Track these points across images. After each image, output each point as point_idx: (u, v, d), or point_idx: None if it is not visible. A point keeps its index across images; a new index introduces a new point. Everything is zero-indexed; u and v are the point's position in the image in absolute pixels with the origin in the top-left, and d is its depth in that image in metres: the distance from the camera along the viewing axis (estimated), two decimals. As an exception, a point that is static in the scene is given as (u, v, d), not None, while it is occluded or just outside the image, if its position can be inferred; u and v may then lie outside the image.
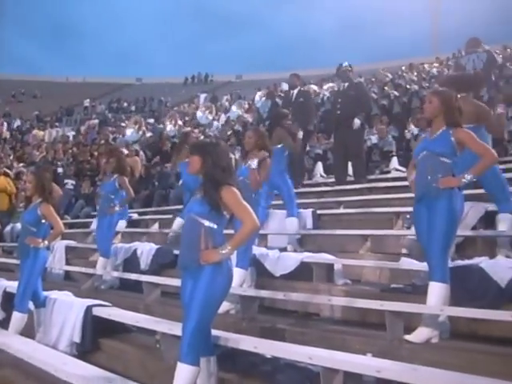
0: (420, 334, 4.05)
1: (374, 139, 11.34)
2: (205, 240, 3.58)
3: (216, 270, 3.56)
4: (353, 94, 8.95)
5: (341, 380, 3.56)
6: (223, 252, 3.55)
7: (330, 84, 17.54)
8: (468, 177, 4.14)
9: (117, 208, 7.52)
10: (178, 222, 8.25)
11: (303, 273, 5.84)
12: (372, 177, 9.67)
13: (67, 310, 5.65)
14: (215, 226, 3.61)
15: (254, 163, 5.50)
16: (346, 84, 9.14)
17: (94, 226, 9.96)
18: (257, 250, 6.05)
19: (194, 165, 3.72)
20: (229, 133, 14.51)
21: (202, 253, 3.56)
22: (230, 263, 3.70)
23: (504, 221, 5.38)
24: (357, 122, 8.76)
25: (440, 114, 4.28)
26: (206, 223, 3.60)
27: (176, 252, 7.23)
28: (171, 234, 8.34)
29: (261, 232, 6.24)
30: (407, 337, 4.06)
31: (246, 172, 5.51)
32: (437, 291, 4.07)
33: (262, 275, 5.92)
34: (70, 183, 12.82)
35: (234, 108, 16.83)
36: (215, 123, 16.38)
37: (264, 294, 5.22)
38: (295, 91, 9.81)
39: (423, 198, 4.25)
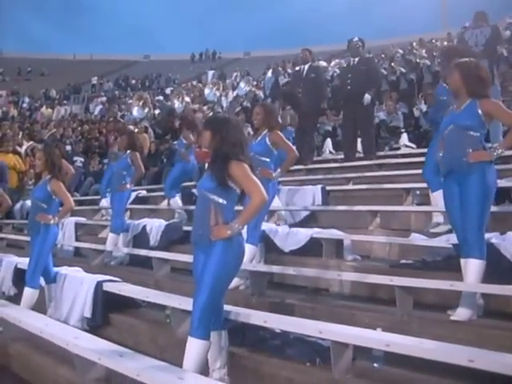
0: (462, 313, 3.98)
1: (383, 115, 11.26)
2: (215, 215, 3.58)
3: (227, 246, 3.57)
4: (363, 69, 8.85)
5: (350, 354, 3.60)
6: (233, 227, 3.55)
7: (337, 60, 17.40)
8: (499, 150, 4.04)
9: (128, 185, 7.57)
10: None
11: (312, 249, 5.85)
12: (381, 153, 9.62)
13: (78, 286, 5.69)
14: (225, 202, 3.61)
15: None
16: (357, 59, 9.04)
17: (103, 203, 10.01)
18: (266, 226, 6.06)
19: (204, 140, 3.71)
20: (237, 109, 14.45)
21: (212, 228, 3.57)
22: (241, 239, 3.70)
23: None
24: (367, 97, 8.67)
25: (462, 86, 4.17)
26: (216, 199, 3.60)
27: (185, 228, 7.27)
28: (178, 211, 8.37)
29: (270, 208, 6.24)
30: (452, 317, 4.00)
31: (257, 148, 5.48)
32: (475, 268, 3.98)
33: (271, 251, 5.94)
34: (78, 160, 12.84)
35: (242, 84, 16.68)
36: (223, 100, 16.29)
37: (274, 269, 5.24)
38: (306, 66, 9.70)
39: (453, 174, 4.15)
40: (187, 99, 14.89)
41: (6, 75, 41.76)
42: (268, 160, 5.52)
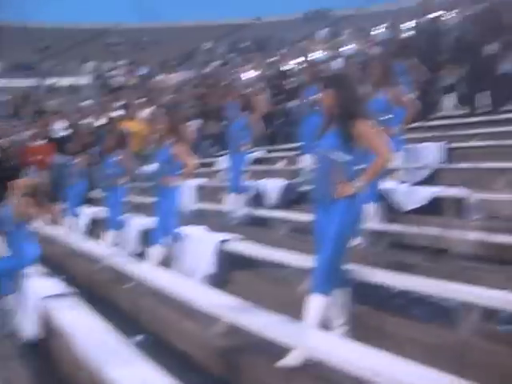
0: None
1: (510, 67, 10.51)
2: (338, 173, 3.56)
3: (350, 204, 3.55)
4: (488, 17, 8.31)
5: (477, 316, 3.48)
6: (357, 185, 3.52)
7: (458, 9, 16.40)
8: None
9: (246, 146, 7.69)
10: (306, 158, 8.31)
11: (433, 208, 5.68)
12: (507, 108, 9.05)
13: (201, 245, 5.91)
14: (348, 160, 3.58)
15: None
16: (480, 7, 8.49)
17: (222, 164, 10.26)
18: (385, 184, 5.94)
19: (327, 99, 3.66)
20: (350, 68, 14.11)
21: (335, 186, 3.55)
22: (362, 197, 3.66)
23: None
24: (490, 48, 8.16)
25: None
26: (340, 156, 3.57)
27: (304, 188, 7.30)
28: (302, 170, 8.39)
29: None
30: None
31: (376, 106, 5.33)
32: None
33: (390, 210, 5.83)
34: (196, 124, 13.15)
35: (353, 43, 16.24)
36: (335, 58, 15.96)
37: (394, 228, 5.15)
38: (425, 18, 9.25)
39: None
40: (298, 60, 14.75)
41: (124, 46, 43.41)
42: (391, 116, 5.38)
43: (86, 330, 4.21)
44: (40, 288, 5.45)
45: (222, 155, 11.12)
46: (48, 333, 5.10)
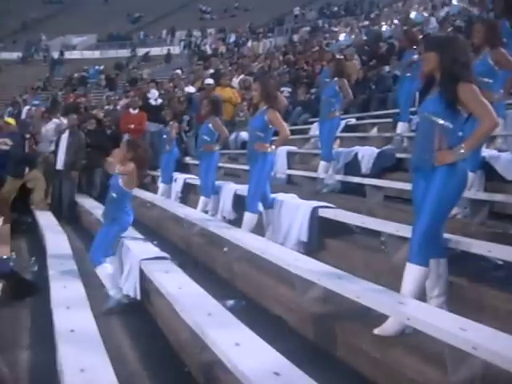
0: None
1: None
2: (439, 140, 3.45)
3: (450, 172, 3.43)
4: None
5: None
6: (458, 152, 3.39)
7: None
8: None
9: (337, 113, 7.59)
10: (401, 125, 8.13)
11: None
12: None
13: (294, 211, 5.91)
14: (451, 125, 3.45)
15: None
16: None
17: (313, 131, 10.21)
18: (487, 152, 5.69)
19: (429, 62, 3.54)
20: (449, 30, 13.52)
21: (436, 153, 3.44)
22: (464, 165, 3.53)
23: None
24: None
25: None
26: (441, 122, 3.44)
27: (398, 155, 7.14)
28: (396, 138, 8.21)
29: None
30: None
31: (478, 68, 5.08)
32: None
33: (491, 179, 5.59)
34: (286, 91, 13.08)
35: (454, 1, 15.53)
36: (432, 20, 15.35)
37: (496, 197, 4.94)
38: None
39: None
40: (396, 21, 14.32)
41: (213, 14, 43.67)
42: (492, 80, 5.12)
43: (182, 292, 4.37)
44: (138, 251, 5.69)
45: (312, 122, 11.04)
46: (146, 293, 5.33)
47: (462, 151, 3.40)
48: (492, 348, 2.62)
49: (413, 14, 15.94)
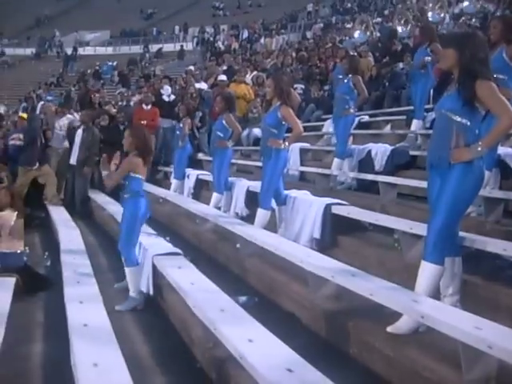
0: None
1: None
2: (456, 137, 3.41)
3: (466, 170, 3.40)
4: None
5: None
6: (476, 150, 3.36)
7: None
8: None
9: (352, 110, 7.57)
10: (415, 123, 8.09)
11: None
12: None
13: (307, 208, 5.89)
14: (468, 123, 3.41)
15: None
16: None
17: (326, 128, 10.17)
18: (502, 150, 5.63)
19: (447, 59, 3.50)
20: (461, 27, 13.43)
21: (452, 151, 3.41)
22: (481, 163, 3.50)
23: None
24: None
25: None
26: (459, 119, 3.41)
27: (412, 153, 7.10)
28: (410, 135, 8.17)
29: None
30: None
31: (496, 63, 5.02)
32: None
33: (507, 177, 5.53)
34: (299, 87, 13.03)
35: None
36: (447, 18, 15.23)
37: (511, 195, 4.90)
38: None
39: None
40: (410, 19, 14.22)
41: (226, 10, 43.65)
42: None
43: (195, 288, 4.37)
44: (151, 247, 5.70)
45: (325, 119, 11.00)
46: (159, 289, 5.34)
47: (479, 149, 3.36)
48: (507, 347, 2.60)
49: (430, 14, 15.76)
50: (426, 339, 3.38)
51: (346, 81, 7.70)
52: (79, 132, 10.56)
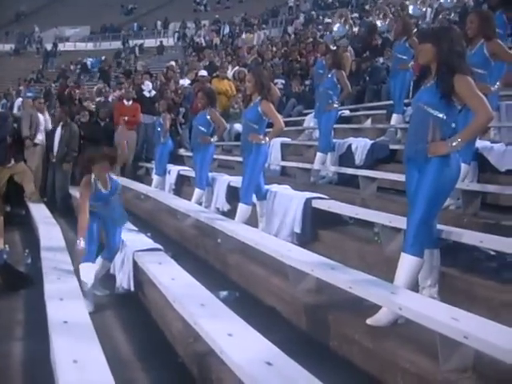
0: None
1: None
2: (433, 131, 3.44)
3: (443, 163, 3.44)
4: None
5: None
6: (452, 144, 3.39)
7: None
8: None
9: (335, 105, 7.60)
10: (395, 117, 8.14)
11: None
12: None
13: (288, 202, 5.91)
14: (445, 117, 3.44)
15: None
16: None
17: (307, 123, 10.19)
18: (480, 143, 5.70)
19: (425, 54, 3.53)
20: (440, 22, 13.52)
21: (429, 144, 3.45)
22: (458, 156, 3.54)
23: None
24: None
25: None
26: (436, 113, 3.44)
27: (392, 147, 7.15)
28: (390, 129, 8.22)
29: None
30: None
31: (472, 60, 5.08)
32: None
33: (484, 170, 5.60)
34: (279, 82, 13.03)
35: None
36: (428, 13, 15.34)
37: (489, 189, 4.96)
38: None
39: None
40: (390, 15, 14.29)
41: (207, 5, 43.44)
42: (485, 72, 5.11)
43: (176, 283, 4.37)
44: (132, 243, 5.68)
45: (306, 114, 11.02)
46: (140, 285, 5.33)
47: (456, 143, 3.40)
48: (483, 337, 2.63)
49: (411, 8, 15.85)
50: (405, 331, 3.41)
51: (329, 76, 7.73)
52: (58, 128, 10.48)
